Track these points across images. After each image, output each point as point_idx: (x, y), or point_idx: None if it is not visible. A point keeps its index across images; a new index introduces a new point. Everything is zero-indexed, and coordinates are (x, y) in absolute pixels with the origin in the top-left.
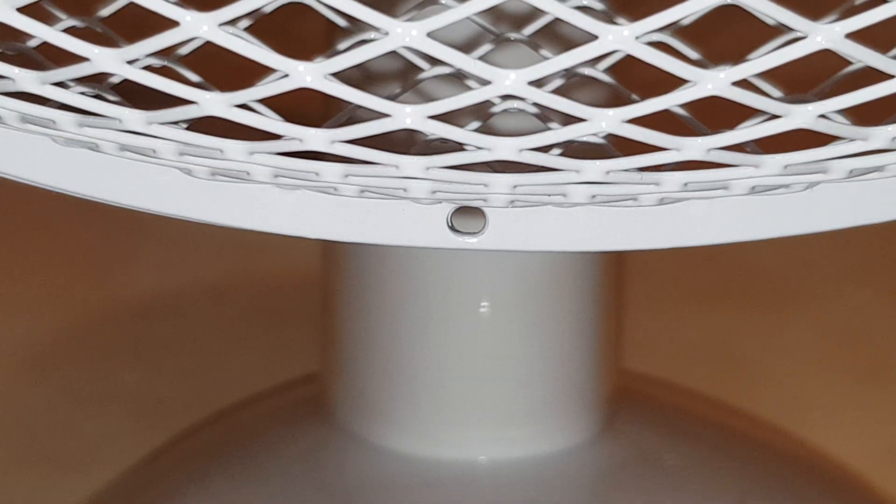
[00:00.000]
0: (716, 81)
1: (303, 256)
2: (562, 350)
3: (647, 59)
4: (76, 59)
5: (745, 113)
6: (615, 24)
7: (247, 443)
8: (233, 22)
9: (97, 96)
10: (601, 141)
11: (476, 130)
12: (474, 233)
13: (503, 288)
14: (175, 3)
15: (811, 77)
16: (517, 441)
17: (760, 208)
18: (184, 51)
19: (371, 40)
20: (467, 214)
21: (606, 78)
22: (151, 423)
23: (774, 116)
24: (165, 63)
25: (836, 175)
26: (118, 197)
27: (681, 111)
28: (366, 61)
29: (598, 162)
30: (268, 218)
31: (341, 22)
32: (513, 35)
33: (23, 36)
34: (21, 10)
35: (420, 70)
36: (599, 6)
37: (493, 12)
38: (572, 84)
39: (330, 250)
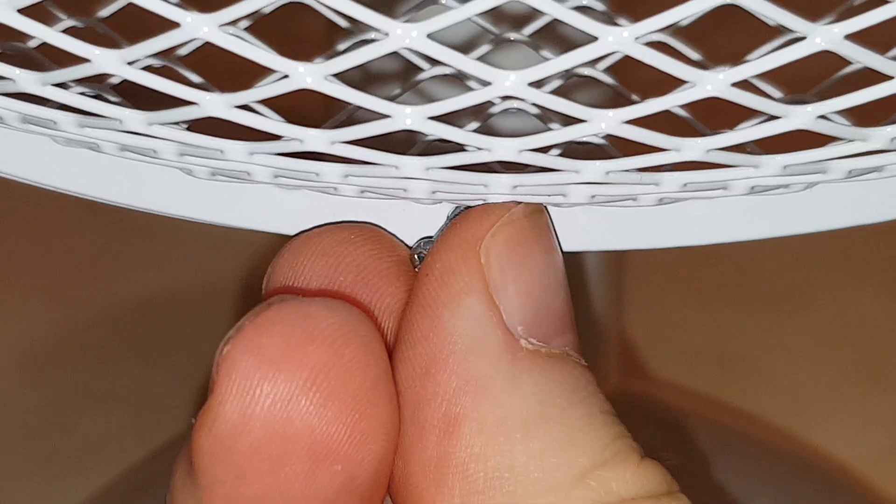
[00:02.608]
0: (715, 83)
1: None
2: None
3: (647, 61)
4: (77, 59)
5: (745, 112)
6: (616, 24)
7: None
8: (233, 23)
9: (97, 96)
10: (601, 141)
11: (475, 131)
12: None
13: None
14: (176, 4)
15: (812, 77)
16: None
17: (760, 208)
18: (184, 51)
19: (371, 41)
20: None
21: (606, 78)
22: (151, 423)
23: (774, 117)
24: (166, 63)
25: (836, 175)
26: (119, 197)
27: (681, 112)
28: (366, 62)
29: (597, 162)
30: (268, 218)
31: (342, 22)
32: (513, 35)
33: (23, 36)
34: (22, 11)
35: (420, 70)
36: (600, 7)
37: (493, 13)
38: (572, 84)
39: None
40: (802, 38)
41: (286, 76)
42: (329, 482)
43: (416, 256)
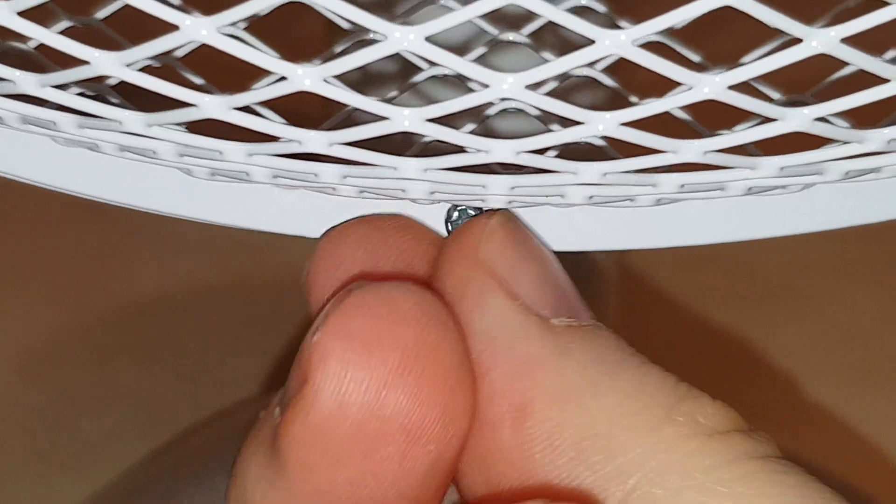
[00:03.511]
0: (712, 85)
1: (303, 256)
2: None
3: (645, 64)
4: (76, 61)
5: (742, 113)
6: (616, 26)
7: None
8: (232, 24)
9: (97, 97)
10: (599, 142)
11: (473, 132)
12: None
13: None
14: (177, 5)
15: (810, 79)
16: None
17: (757, 208)
18: (182, 52)
19: (370, 42)
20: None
21: (605, 79)
22: (151, 423)
23: (771, 119)
24: (165, 64)
25: (832, 176)
26: (119, 197)
27: (679, 113)
28: (365, 65)
29: (595, 164)
30: (268, 218)
31: (342, 23)
32: (511, 36)
33: (23, 37)
34: (21, 13)
35: (418, 70)
36: (601, 8)
37: (491, 14)
38: (570, 84)
39: None
40: (799, 41)
41: (285, 78)
42: (421, 462)
43: (449, 225)
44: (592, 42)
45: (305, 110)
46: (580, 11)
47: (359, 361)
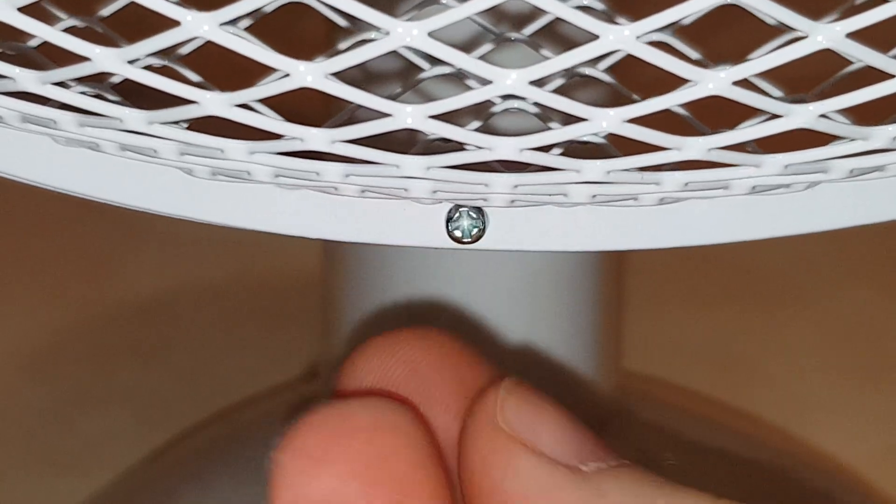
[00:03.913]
0: (717, 81)
1: (303, 256)
2: (560, 351)
3: (648, 59)
4: (77, 58)
5: (745, 113)
6: (616, 23)
7: (247, 443)
8: (233, 21)
9: (98, 96)
10: (602, 140)
11: (476, 130)
12: None
13: (503, 288)
14: (176, 3)
15: (812, 77)
16: None
17: (761, 208)
18: (184, 50)
19: (372, 40)
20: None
21: (607, 78)
22: (151, 423)
23: (775, 116)
24: (166, 62)
25: (837, 175)
26: (119, 197)
27: (681, 111)
28: (367, 61)
29: (598, 162)
30: (268, 218)
31: (342, 22)
32: (513, 35)
33: (23, 35)
34: (22, 9)
35: (421, 69)
36: (600, 6)
37: (493, 12)
38: (573, 84)
39: (330, 250)
40: (804, 37)
41: (287, 75)
42: None
43: (448, 226)
44: (596, 37)
45: (307, 111)
46: (580, 10)
47: (308, 473)
